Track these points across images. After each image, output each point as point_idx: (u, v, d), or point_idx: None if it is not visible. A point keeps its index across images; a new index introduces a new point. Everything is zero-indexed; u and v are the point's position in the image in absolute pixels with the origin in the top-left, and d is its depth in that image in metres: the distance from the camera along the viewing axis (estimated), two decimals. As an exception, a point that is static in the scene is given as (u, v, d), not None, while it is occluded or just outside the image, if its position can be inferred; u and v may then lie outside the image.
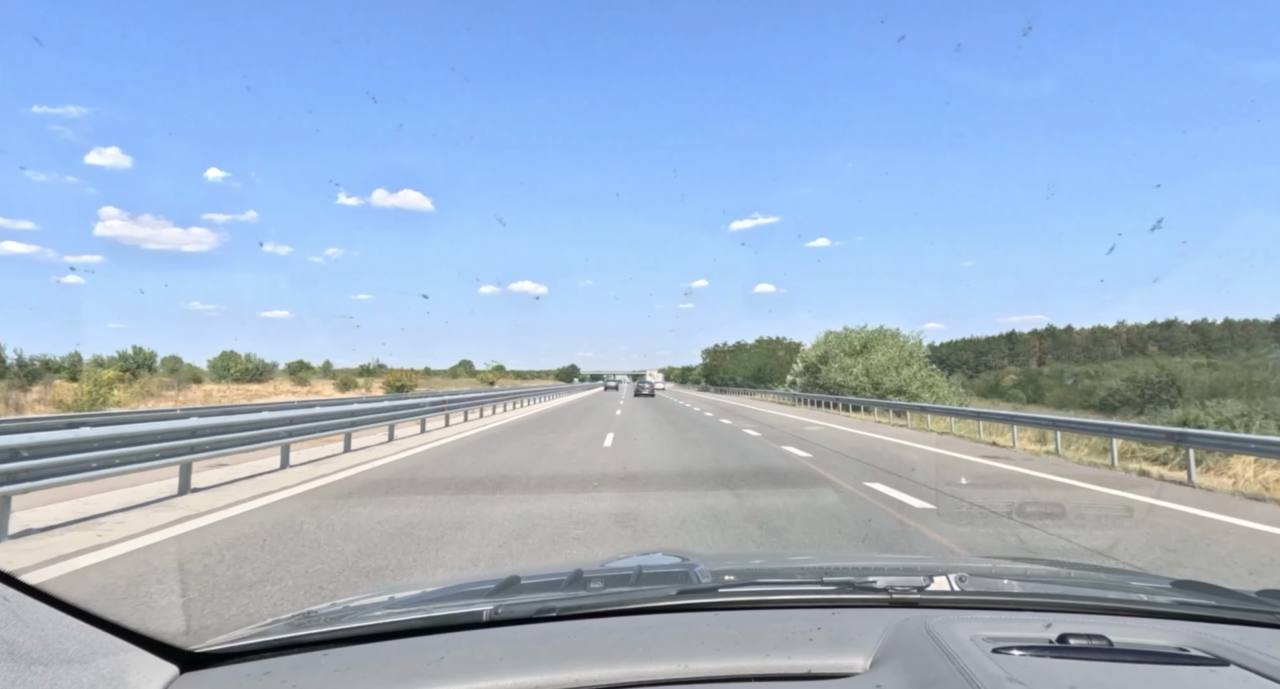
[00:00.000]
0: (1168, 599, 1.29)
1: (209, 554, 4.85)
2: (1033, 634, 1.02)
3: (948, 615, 1.09)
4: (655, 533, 5.68)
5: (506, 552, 5.00)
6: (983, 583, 1.51)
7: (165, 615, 3.67)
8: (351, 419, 11.56)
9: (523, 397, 31.93)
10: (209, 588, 4.07)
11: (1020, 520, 6.51)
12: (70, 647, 0.79)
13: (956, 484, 8.94)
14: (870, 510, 6.75)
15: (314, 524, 5.83)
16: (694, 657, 0.95)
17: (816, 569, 1.83)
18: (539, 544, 5.22)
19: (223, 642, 1.07)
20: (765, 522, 6.04)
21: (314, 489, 7.71)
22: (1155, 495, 8.33)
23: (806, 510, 6.70)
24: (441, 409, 17.28)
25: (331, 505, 6.75)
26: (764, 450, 12.74)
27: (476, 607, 1.15)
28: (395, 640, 1.07)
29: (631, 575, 1.47)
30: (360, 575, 4.36)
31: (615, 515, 6.37)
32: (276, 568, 4.48)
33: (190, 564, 4.61)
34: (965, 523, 6.34)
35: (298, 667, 0.99)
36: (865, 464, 10.71)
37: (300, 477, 8.56)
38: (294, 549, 4.98)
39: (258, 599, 3.83)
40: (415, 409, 15.33)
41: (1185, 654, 0.97)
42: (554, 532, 5.62)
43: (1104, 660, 0.93)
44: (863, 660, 0.95)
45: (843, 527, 6.00)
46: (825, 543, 5.45)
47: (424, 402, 16.71)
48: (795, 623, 1.07)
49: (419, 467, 9.98)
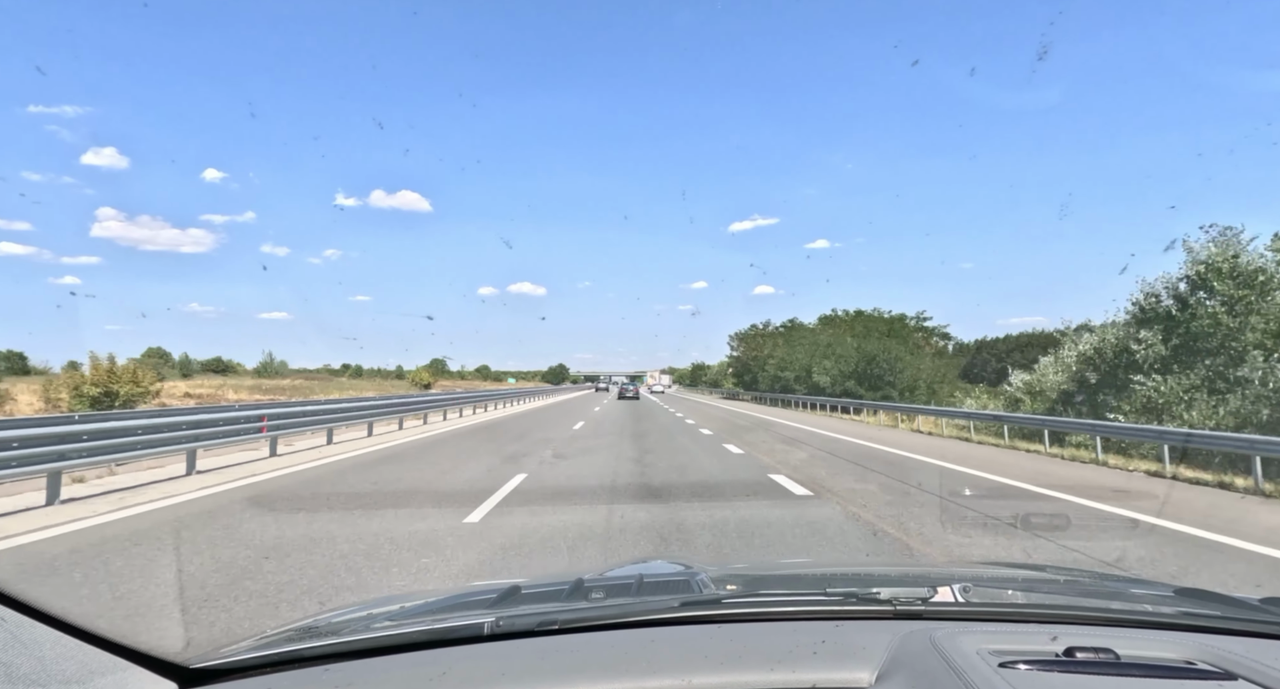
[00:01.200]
0: (1173, 610, 1.28)
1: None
2: (1039, 647, 1.01)
3: (953, 627, 1.09)
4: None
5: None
6: (987, 593, 1.51)
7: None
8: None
9: (455, 404, 24.88)
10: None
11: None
12: (68, 667, 0.79)
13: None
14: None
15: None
16: (697, 671, 0.95)
17: (819, 578, 1.82)
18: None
19: (222, 657, 1.05)
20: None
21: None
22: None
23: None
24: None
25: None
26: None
27: (478, 619, 1.14)
28: (396, 655, 1.05)
29: (633, 585, 1.45)
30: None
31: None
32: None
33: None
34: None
35: (297, 683, 0.98)
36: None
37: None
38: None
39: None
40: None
41: (1193, 668, 0.97)
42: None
43: (1111, 675, 0.93)
44: (868, 675, 0.94)
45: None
46: None
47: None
48: (799, 636, 1.07)
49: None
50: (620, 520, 6.40)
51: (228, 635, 3.40)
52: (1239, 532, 6.54)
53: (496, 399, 33.17)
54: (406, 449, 13.32)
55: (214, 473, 9.44)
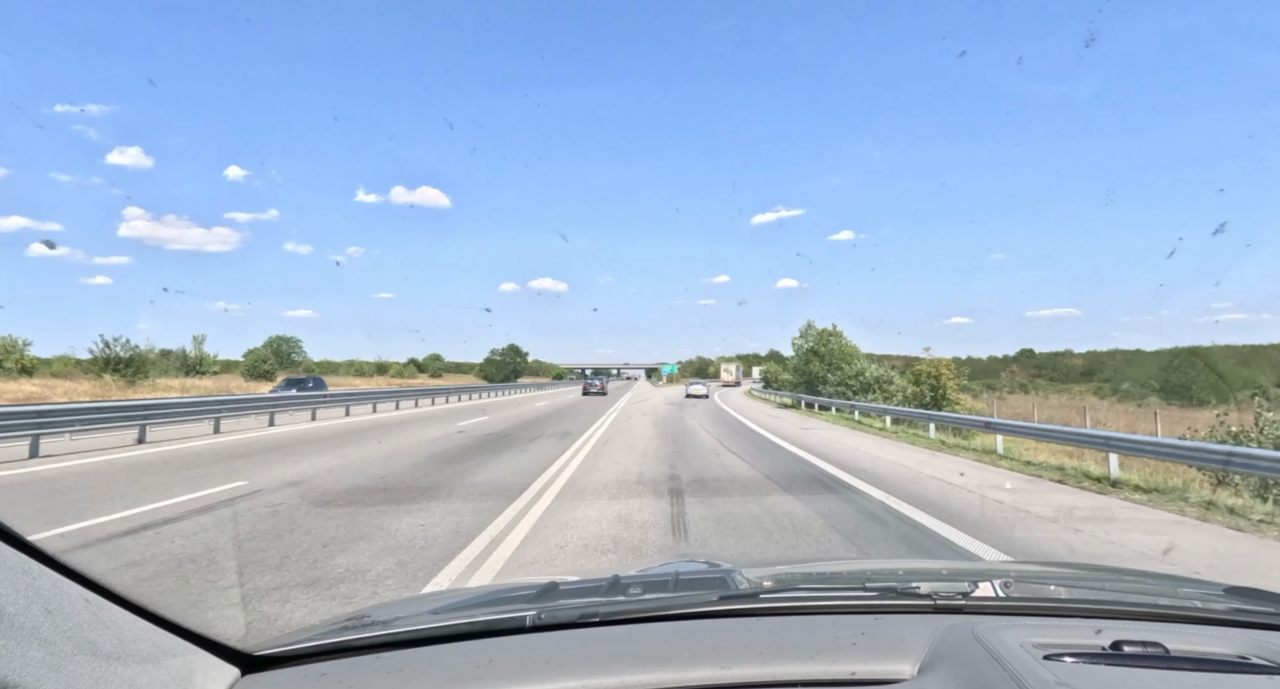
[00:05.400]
0: (1223, 606, 1.25)
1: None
2: (1084, 641, 1.00)
3: (994, 621, 1.08)
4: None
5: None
6: (1029, 589, 1.47)
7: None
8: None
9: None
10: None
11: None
12: (144, 648, 0.83)
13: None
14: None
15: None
16: (737, 662, 0.95)
17: (857, 574, 1.79)
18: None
19: (280, 645, 1.11)
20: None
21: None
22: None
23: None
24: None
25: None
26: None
27: (519, 612, 1.16)
28: (443, 644, 1.09)
29: (670, 582, 1.46)
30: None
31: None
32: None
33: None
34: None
35: (352, 669, 1.02)
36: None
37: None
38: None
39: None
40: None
41: (1246, 662, 0.95)
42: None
43: (1161, 668, 0.91)
44: (909, 666, 0.94)
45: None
46: None
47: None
48: (839, 628, 1.07)
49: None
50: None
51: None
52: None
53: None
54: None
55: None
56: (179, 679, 0.85)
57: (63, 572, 0.79)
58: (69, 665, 0.69)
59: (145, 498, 7.09)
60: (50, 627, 0.70)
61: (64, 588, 0.77)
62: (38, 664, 0.65)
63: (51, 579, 0.76)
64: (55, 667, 0.67)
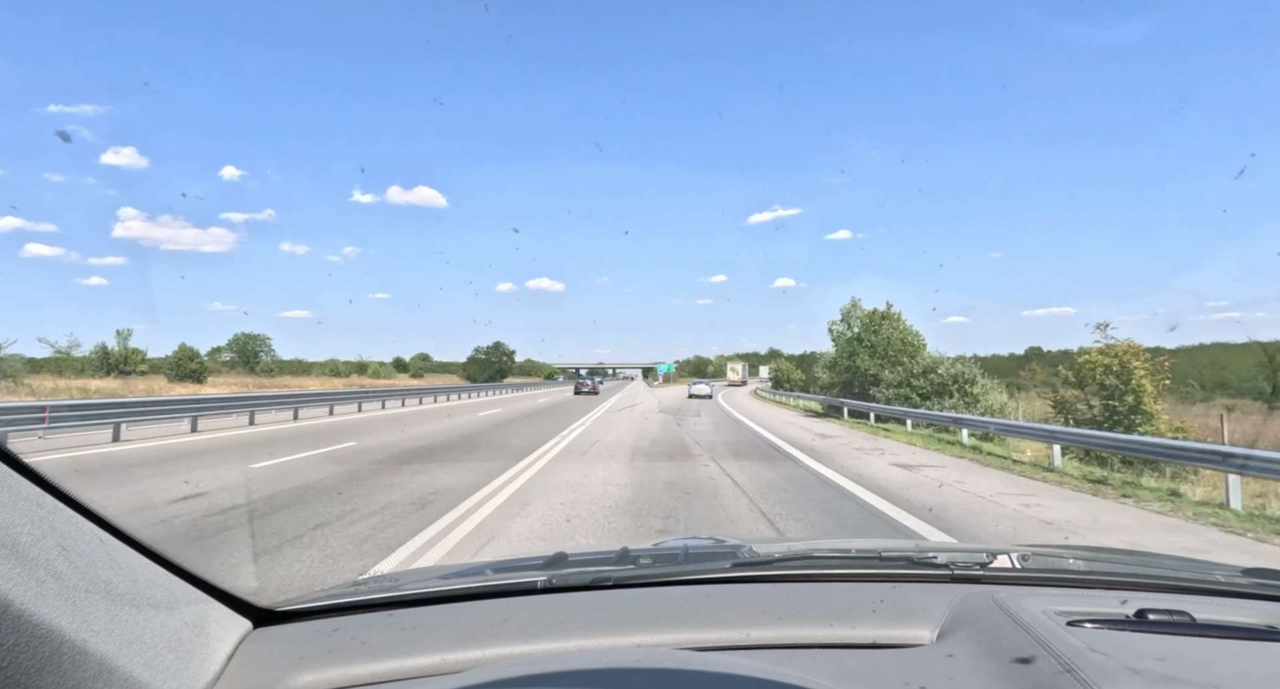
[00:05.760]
0: (1247, 580, 1.24)
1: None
2: (1108, 609, 0.99)
3: (1015, 590, 1.08)
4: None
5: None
6: (1048, 561, 1.45)
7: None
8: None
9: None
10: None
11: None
12: (157, 593, 0.82)
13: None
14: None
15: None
16: (754, 625, 0.96)
17: (871, 549, 1.75)
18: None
19: (293, 601, 1.12)
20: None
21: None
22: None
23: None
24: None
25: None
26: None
27: (532, 576, 1.18)
28: (458, 603, 1.10)
29: (679, 554, 1.45)
30: None
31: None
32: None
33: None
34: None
35: (365, 625, 1.02)
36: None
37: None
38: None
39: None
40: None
41: (1275, 630, 0.94)
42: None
43: (1188, 635, 0.90)
44: (929, 632, 0.94)
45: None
46: None
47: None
48: (856, 595, 1.08)
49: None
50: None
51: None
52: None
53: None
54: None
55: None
56: (192, 627, 0.85)
57: (77, 509, 0.76)
58: (84, 603, 0.67)
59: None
60: (65, 563, 0.68)
61: (79, 525, 0.76)
62: (54, 596, 0.63)
63: (66, 515, 0.74)
64: (71, 601, 0.65)
